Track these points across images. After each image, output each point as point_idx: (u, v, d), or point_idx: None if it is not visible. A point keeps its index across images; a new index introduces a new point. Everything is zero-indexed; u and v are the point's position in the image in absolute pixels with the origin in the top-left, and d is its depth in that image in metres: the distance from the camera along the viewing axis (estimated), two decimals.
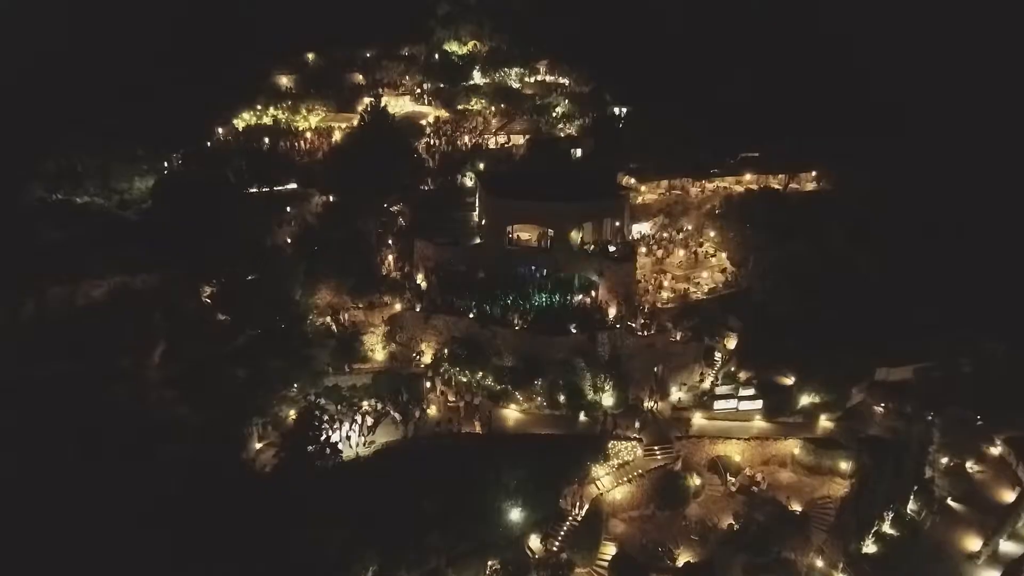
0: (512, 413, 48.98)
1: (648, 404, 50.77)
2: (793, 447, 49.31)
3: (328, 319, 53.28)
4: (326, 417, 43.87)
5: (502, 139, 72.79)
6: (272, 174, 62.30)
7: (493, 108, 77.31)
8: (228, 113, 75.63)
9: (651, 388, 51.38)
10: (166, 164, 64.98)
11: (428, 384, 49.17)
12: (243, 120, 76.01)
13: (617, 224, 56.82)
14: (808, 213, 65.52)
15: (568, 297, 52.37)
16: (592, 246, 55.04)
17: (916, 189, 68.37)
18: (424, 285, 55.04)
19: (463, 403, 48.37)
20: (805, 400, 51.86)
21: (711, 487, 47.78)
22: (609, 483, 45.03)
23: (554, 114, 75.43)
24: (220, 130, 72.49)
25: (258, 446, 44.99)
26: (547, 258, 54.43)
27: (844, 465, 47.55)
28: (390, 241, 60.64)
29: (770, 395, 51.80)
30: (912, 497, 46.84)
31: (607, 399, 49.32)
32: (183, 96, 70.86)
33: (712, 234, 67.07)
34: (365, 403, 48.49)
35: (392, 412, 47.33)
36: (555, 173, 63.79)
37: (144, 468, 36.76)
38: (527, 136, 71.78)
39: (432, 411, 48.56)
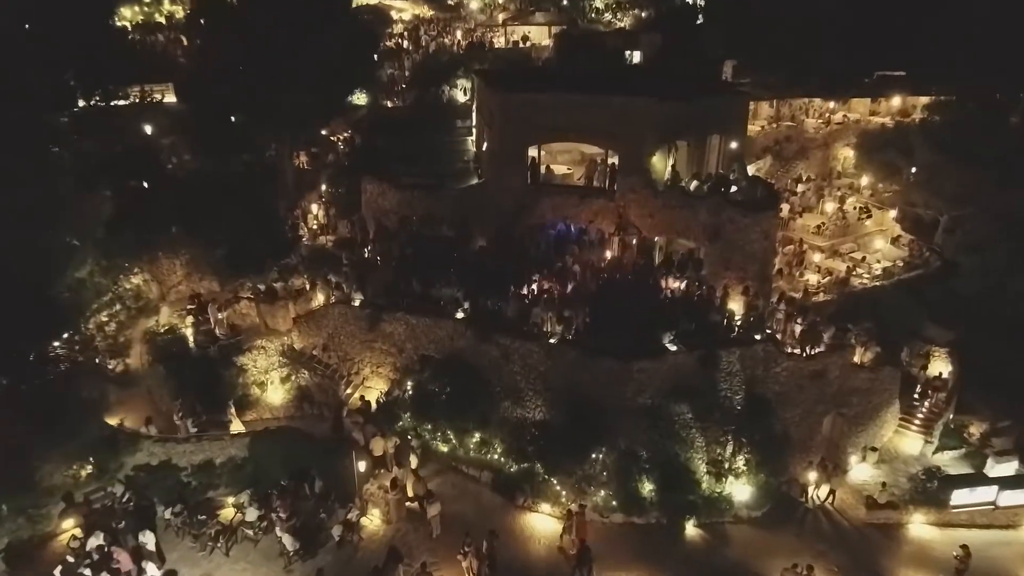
0: (544, 524, 23.05)
1: (816, 493, 25.04)
2: None
3: (186, 320, 27.58)
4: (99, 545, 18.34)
5: (514, 36, 46.66)
6: (122, 78, 36.06)
7: (500, 1, 51.20)
8: (101, 9, 49.84)
9: (822, 460, 25.61)
10: None
11: (362, 464, 22.63)
12: (123, 19, 50.43)
13: (734, 146, 30.60)
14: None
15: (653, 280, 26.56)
16: (695, 183, 28.90)
17: None
18: (375, 258, 29.13)
19: (437, 504, 22.15)
20: None
21: None
22: None
23: (595, 4, 49.15)
24: None
25: None
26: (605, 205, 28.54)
27: None
28: (323, 185, 34.94)
29: None
30: None
31: (740, 489, 23.69)
32: None
33: (863, 183, 41.14)
34: (230, 501, 22.61)
35: (279, 529, 21.16)
36: (608, 70, 37.65)
37: None
38: (555, 30, 45.54)
39: (371, 522, 22.45)
